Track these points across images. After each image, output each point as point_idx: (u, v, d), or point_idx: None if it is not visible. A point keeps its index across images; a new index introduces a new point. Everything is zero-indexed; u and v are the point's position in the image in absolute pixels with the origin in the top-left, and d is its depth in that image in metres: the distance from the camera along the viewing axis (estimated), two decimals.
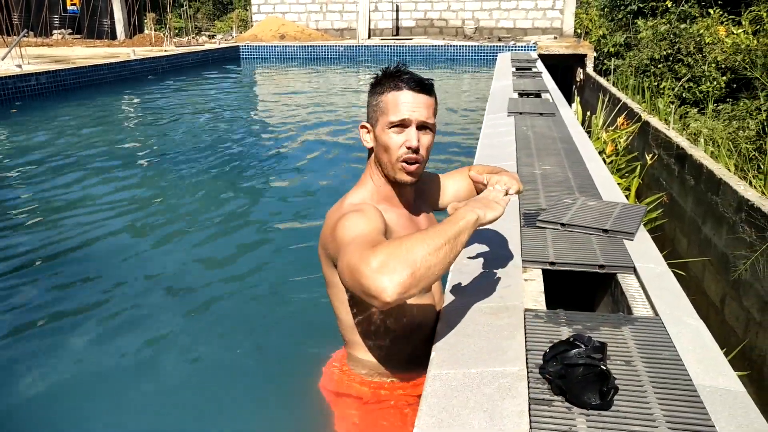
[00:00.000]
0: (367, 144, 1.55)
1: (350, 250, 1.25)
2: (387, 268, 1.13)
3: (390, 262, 1.14)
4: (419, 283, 1.15)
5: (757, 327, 2.83)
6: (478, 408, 1.19)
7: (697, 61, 7.33)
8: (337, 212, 1.50)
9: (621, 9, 10.74)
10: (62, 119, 7.96)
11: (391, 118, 1.46)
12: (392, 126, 1.46)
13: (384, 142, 1.49)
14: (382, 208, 1.51)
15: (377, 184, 1.56)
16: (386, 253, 1.15)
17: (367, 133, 1.55)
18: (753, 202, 2.97)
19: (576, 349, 1.19)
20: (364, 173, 1.60)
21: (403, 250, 1.16)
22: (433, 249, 1.17)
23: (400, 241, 1.19)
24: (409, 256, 1.14)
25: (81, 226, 4.08)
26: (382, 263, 1.14)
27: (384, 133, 1.48)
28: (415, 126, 1.47)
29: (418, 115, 1.46)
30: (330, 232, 1.44)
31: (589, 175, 3.01)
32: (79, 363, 2.54)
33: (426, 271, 1.15)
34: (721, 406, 1.18)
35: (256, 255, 3.63)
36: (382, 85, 1.49)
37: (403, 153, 1.48)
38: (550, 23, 15.96)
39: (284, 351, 2.54)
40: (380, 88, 1.50)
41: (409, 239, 1.19)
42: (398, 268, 1.13)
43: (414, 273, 1.13)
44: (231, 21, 21.23)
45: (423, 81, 1.49)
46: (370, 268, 1.14)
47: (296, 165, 5.81)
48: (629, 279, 1.81)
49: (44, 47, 15.01)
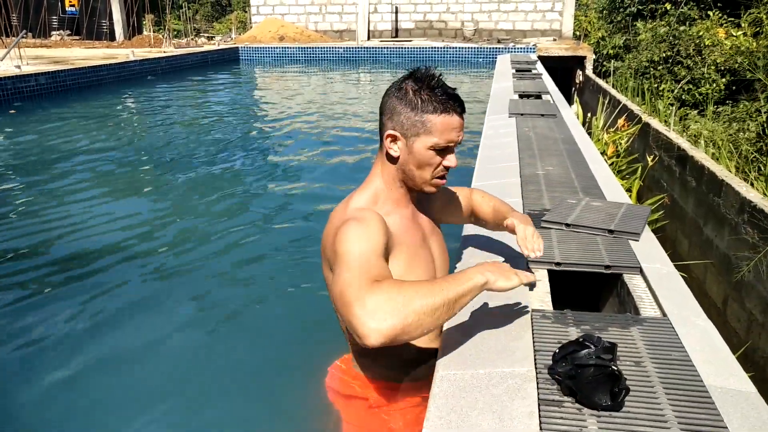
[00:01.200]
0: (394, 153, 1.48)
1: (347, 278, 1.23)
2: (378, 315, 1.13)
3: (383, 309, 1.14)
4: (406, 336, 1.16)
5: (760, 328, 2.83)
6: (487, 409, 1.17)
7: (697, 63, 7.33)
8: (340, 216, 1.47)
9: (620, 11, 10.75)
10: (61, 120, 7.94)
11: (440, 142, 1.43)
12: (438, 148, 1.44)
13: (422, 159, 1.45)
14: (387, 210, 1.50)
15: (387, 187, 1.52)
16: (383, 299, 1.15)
17: (393, 142, 1.48)
18: (756, 204, 2.97)
19: (586, 350, 1.18)
20: (373, 172, 1.55)
21: (400, 301, 1.15)
22: (429, 309, 1.17)
23: (399, 288, 1.18)
24: (403, 310, 1.14)
25: (80, 227, 4.07)
26: (375, 308, 1.14)
27: (424, 151, 1.44)
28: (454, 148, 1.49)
29: (461, 138, 1.48)
30: (330, 239, 1.42)
31: (592, 175, 3.00)
32: (79, 366, 2.53)
33: (416, 328, 1.16)
34: (733, 407, 1.17)
35: (257, 255, 3.62)
36: (426, 102, 1.42)
37: (439, 171, 1.48)
38: (549, 25, 15.98)
39: (290, 352, 2.53)
40: (424, 104, 1.42)
41: (409, 289, 1.18)
42: (389, 318, 1.13)
43: (404, 327, 1.14)
44: (230, 22, 21.24)
45: (461, 100, 1.48)
46: (363, 310, 1.14)
47: (296, 166, 5.80)
48: (636, 279, 1.80)
49: (43, 48, 14.99)
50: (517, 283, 1.32)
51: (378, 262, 1.29)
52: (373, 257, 1.29)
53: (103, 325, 2.82)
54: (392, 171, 1.51)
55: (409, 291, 1.17)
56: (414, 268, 1.49)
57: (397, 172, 1.50)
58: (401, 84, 1.47)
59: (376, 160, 1.55)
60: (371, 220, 1.40)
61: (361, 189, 1.55)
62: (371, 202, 1.51)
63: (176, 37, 18.16)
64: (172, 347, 2.65)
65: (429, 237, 1.62)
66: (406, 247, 1.49)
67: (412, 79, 1.45)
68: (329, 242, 1.43)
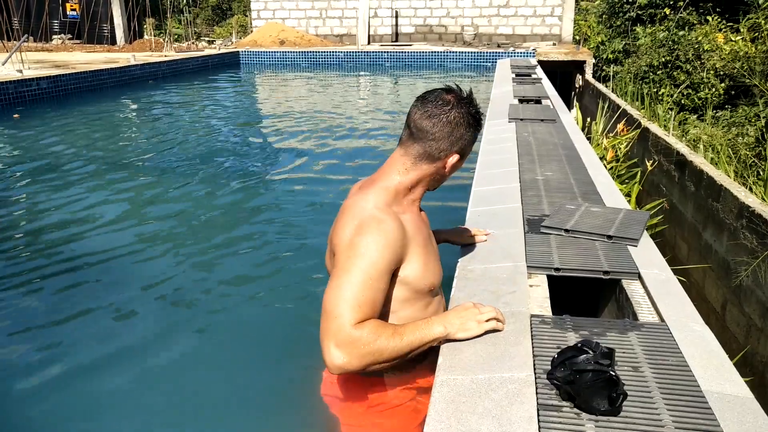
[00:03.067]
0: (446, 171, 1.62)
1: (340, 296, 1.37)
2: (346, 358, 1.32)
3: (353, 354, 1.32)
4: (366, 370, 1.35)
5: (759, 333, 2.84)
6: (486, 414, 1.19)
7: (696, 68, 7.36)
8: (361, 211, 1.50)
9: (619, 16, 10.79)
10: (63, 124, 7.96)
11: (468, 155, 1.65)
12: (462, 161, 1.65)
13: (456, 168, 1.63)
14: (402, 209, 1.56)
15: (411, 187, 1.60)
16: (360, 344, 1.32)
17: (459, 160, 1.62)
18: (754, 209, 2.98)
19: (584, 355, 1.19)
20: (395, 169, 1.59)
21: (375, 348, 1.33)
22: (396, 355, 1.37)
23: (378, 334, 1.34)
24: (375, 355, 1.34)
25: (82, 230, 4.08)
26: (347, 351, 1.32)
27: (460, 163, 1.63)
28: None
29: None
30: (346, 232, 1.47)
31: (591, 181, 3.02)
32: (79, 369, 2.54)
33: (378, 366, 1.36)
34: (730, 413, 1.18)
35: (255, 261, 3.63)
36: (478, 127, 1.61)
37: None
38: (548, 30, 16.03)
39: (285, 357, 2.54)
40: (475, 130, 1.61)
41: (382, 342, 1.34)
42: (354, 361, 1.32)
43: (368, 366, 1.34)
44: (230, 27, 21.28)
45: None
46: (338, 340, 1.32)
47: (296, 170, 5.82)
48: (634, 285, 1.81)
49: (44, 52, 15.04)
50: (477, 333, 1.46)
51: (377, 284, 1.41)
52: (375, 275, 1.41)
53: (104, 330, 2.83)
54: (426, 176, 1.60)
55: (381, 343, 1.34)
56: (429, 263, 1.57)
57: (432, 179, 1.62)
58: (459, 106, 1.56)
59: (399, 158, 1.59)
60: (391, 228, 1.46)
61: (381, 184, 1.57)
62: (391, 200, 1.55)
63: (177, 41, 18.21)
64: (167, 356, 2.65)
65: (431, 232, 1.72)
66: (421, 246, 1.55)
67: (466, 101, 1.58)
68: (344, 235, 1.47)
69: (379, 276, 1.42)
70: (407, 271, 1.52)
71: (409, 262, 1.51)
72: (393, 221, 1.48)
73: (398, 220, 1.50)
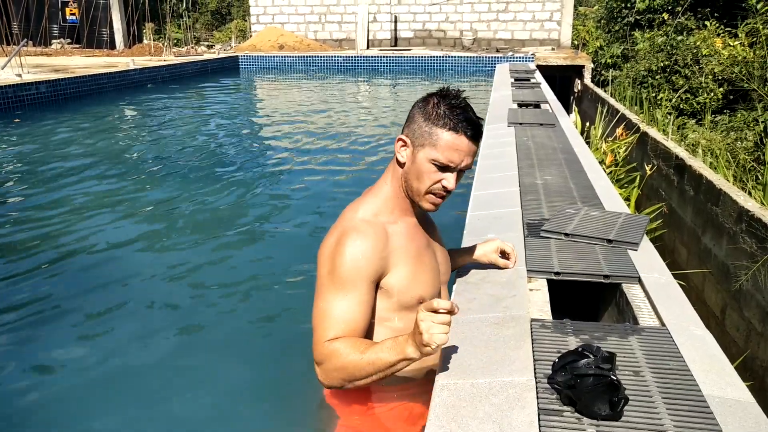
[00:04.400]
0: (401, 158, 1.50)
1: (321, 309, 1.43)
2: (322, 369, 1.39)
3: (326, 366, 1.38)
4: (343, 387, 1.41)
5: (759, 338, 2.84)
6: (487, 418, 1.18)
7: (694, 72, 7.37)
8: (346, 221, 1.50)
9: (618, 21, 10.81)
10: (62, 128, 7.96)
11: (440, 158, 1.43)
12: (436, 163, 1.45)
13: (420, 170, 1.46)
14: (393, 218, 1.53)
15: (396, 195, 1.54)
16: (329, 360, 1.38)
17: (403, 147, 1.50)
18: (753, 213, 2.98)
19: (585, 360, 1.19)
20: (383, 178, 1.57)
21: (341, 365, 1.35)
22: (368, 379, 1.35)
23: (344, 353, 1.35)
24: (342, 372, 1.36)
25: (81, 235, 4.07)
26: (322, 362, 1.39)
27: (424, 162, 1.45)
28: (457, 170, 1.47)
29: (464, 164, 1.46)
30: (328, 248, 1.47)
31: (590, 185, 3.02)
32: (79, 373, 2.53)
33: (353, 385, 1.39)
34: (731, 417, 1.17)
35: (255, 264, 3.63)
36: (441, 116, 1.44)
37: (436, 188, 1.47)
38: (547, 34, 16.06)
39: (288, 360, 2.53)
40: (438, 118, 1.44)
41: (357, 362, 1.33)
42: (326, 374, 1.39)
43: (341, 382, 1.39)
44: (230, 31, 21.32)
45: (478, 127, 1.47)
46: (315, 355, 1.41)
47: (295, 174, 5.82)
48: (634, 289, 1.81)
49: (43, 56, 15.04)
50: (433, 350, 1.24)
51: (354, 297, 1.41)
52: (350, 288, 1.42)
53: (105, 333, 2.82)
54: (399, 177, 1.53)
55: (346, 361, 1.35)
56: (419, 274, 1.52)
57: (402, 179, 1.52)
58: (427, 96, 1.50)
59: (389, 166, 1.58)
60: (370, 238, 1.44)
61: (372, 195, 1.57)
62: (380, 209, 1.53)
63: (176, 45, 18.23)
64: (168, 356, 2.64)
65: (432, 243, 1.66)
66: (410, 257, 1.51)
67: (438, 93, 1.48)
68: (324, 246, 1.48)
69: (355, 289, 1.41)
70: (391, 283, 1.48)
71: (393, 273, 1.48)
72: (374, 232, 1.46)
73: (382, 231, 1.47)
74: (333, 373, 1.37)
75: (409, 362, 1.29)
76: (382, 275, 1.47)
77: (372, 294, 1.45)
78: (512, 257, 1.90)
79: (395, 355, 1.29)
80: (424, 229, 1.64)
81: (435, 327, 1.22)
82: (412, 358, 1.27)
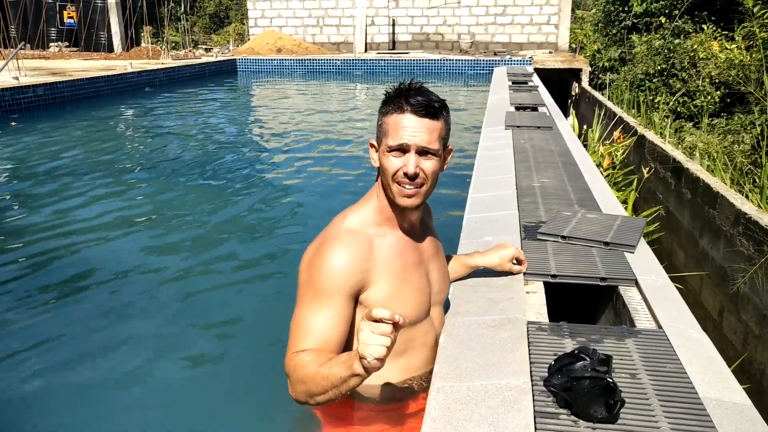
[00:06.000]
0: (374, 163, 1.47)
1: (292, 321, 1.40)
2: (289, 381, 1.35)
3: (291, 377, 1.34)
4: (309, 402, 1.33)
5: (756, 340, 2.83)
6: (483, 421, 1.18)
7: (692, 75, 7.39)
8: (330, 229, 1.47)
9: (615, 24, 10.84)
10: (60, 131, 7.95)
11: (390, 142, 1.40)
12: (391, 150, 1.40)
13: (383, 164, 1.43)
14: (381, 231, 1.48)
15: (382, 204, 1.49)
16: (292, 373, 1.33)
17: (374, 152, 1.48)
18: (750, 216, 2.98)
19: (581, 362, 1.18)
20: (372, 189, 1.53)
21: (301, 377, 1.30)
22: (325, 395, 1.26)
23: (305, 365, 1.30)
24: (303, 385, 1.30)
25: (80, 237, 4.06)
26: (289, 374, 1.35)
27: (384, 155, 1.42)
28: (414, 151, 1.39)
29: (419, 140, 1.38)
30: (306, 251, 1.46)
31: (587, 187, 3.02)
32: (79, 376, 2.52)
33: (314, 403, 1.32)
34: (728, 420, 1.17)
35: (252, 269, 3.62)
36: (388, 104, 1.43)
37: (399, 177, 1.41)
38: (545, 38, 16.10)
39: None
40: (386, 107, 1.43)
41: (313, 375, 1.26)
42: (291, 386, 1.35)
43: (306, 397, 1.31)
44: (228, 34, 21.35)
45: (430, 104, 1.39)
46: (285, 368, 1.36)
47: (292, 178, 5.81)
48: (631, 291, 1.81)
49: (41, 60, 15.04)
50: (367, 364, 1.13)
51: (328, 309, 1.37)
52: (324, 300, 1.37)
53: (106, 336, 2.81)
54: (381, 183, 1.49)
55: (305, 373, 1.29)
56: (401, 293, 1.46)
57: (383, 183, 1.47)
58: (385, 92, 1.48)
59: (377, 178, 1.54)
60: (351, 248, 1.41)
61: (360, 204, 1.53)
62: (368, 219, 1.48)
63: (174, 48, 18.23)
64: (163, 363, 2.62)
65: (427, 260, 1.58)
66: (394, 274, 1.45)
67: (393, 90, 1.46)
68: (305, 255, 1.47)
69: (330, 300, 1.36)
70: (370, 298, 1.42)
71: (373, 288, 1.42)
72: (357, 242, 1.42)
73: (366, 242, 1.43)
74: (297, 386, 1.31)
75: (360, 378, 1.17)
76: (361, 289, 1.41)
77: (350, 307, 1.40)
78: (525, 262, 1.88)
79: (345, 369, 1.18)
80: (420, 241, 1.57)
81: (372, 338, 1.09)
82: (360, 373, 1.15)
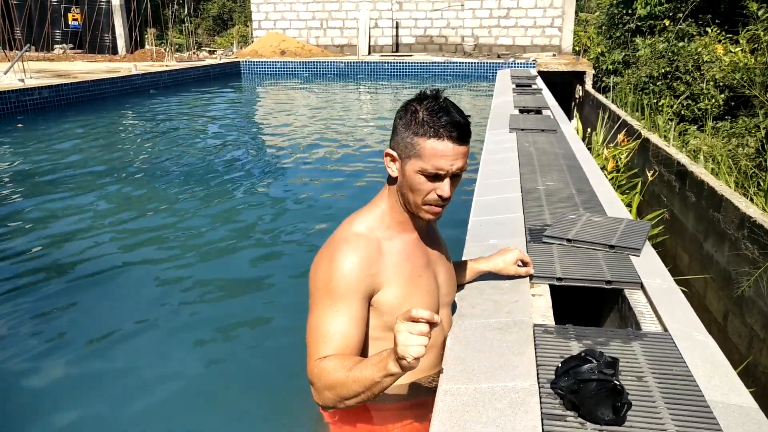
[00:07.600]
0: (392, 173, 1.45)
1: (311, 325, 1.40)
2: (315, 388, 1.35)
3: (318, 385, 1.34)
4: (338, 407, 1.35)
5: (761, 344, 2.83)
6: (490, 423, 1.18)
7: (696, 78, 7.39)
8: (338, 235, 1.47)
9: (619, 27, 10.85)
10: (64, 133, 7.99)
11: (427, 167, 1.37)
12: (424, 173, 1.39)
13: (412, 183, 1.41)
14: (389, 235, 1.48)
15: (392, 209, 1.49)
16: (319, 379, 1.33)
17: (392, 161, 1.45)
18: (755, 219, 2.98)
19: (588, 365, 1.19)
20: (381, 193, 1.53)
21: (329, 383, 1.31)
22: (357, 398, 1.28)
23: (332, 370, 1.30)
24: (332, 391, 1.30)
25: (84, 239, 4.08)
26: (314, 381, 1.35)
27: (414, 175, 1.40)
28: (449, 177, 1.40)
29: (455, 167, 1.39)
30: (317, 255, 1.46)
31: (592, 191, 3.02)
32: (79, 379, 2.53)
33: (344, 407, 1.34)
34: (735, 423, 1.18)
35: (256, 271, 3.63)
36: (420, 123, 1.37)
37: (431, 199, 1.42)
38: (548, 40, 16.11)
39: (284, 373, 2.50)
40: (417, 126, 1.37)
41: (343, 380, 1.28)
42: (319, 393, 1.34)
43: (334, 402, 1.33)
44: (232, 37, 21.40)
45: (463, 127, 1.38)
46: (308, 375, 1.37)
47: (297, 181, 5.83)
48: (636, 294, 1.81)
49: (46, 62, 15.10)
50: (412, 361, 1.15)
51: (343, 313, 1.38)
52: (339, 304, 1.38)
53: (102, 333, 2.82)
54: (395, 192, 1.48)
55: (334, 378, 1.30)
56: (411, 296, 1.47)
57: (398, 194, 1.47)
58: (406, 103, 1.43)
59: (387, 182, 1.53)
60: (360, 251, 1.41)
61: (368, 208, 1.53)
62: (376, 223, 1.49)
63: (178, 51, 18.29)
64: (161, 369, 2.62)
65: (434, 263, 1.59)
66: (403, 277, 1.47)
67: (417, 99, 1.41)
68: (315, 259, 1.47)
69: (345, 304, 1.36)
70: (381, 301, 1.44)
71: (384, 291, 1.43)
72: (366, 246, 1.42)
73: (374, 246, 1.43)
74: (324, 392, 1.32)
75: (393, 377, 1.21)
76: (373, 291, 1.43)
77: (365, 309, 1.41)
78: (531, 264, 1.87)
79: (378, 371, 1.21)
80: (427, 244, 1.58)
81: (411, 338, 1.13)
82: (395, 373, 1.19)
